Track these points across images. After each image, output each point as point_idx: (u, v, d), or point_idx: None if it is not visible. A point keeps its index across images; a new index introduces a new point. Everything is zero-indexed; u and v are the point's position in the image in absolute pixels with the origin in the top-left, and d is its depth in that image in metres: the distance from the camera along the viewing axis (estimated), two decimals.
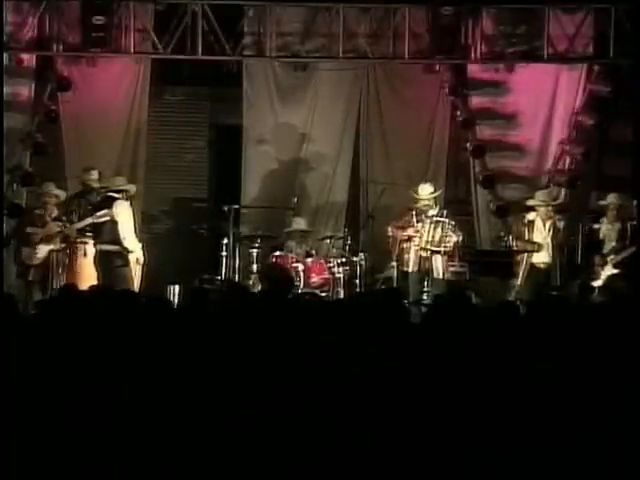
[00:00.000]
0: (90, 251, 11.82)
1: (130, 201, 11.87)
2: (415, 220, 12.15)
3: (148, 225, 13.44)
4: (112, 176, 12.37)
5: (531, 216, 12.05)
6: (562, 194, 13.23)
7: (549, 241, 11.90)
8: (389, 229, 12.27)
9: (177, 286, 12.32)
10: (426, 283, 12.13)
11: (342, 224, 13.59)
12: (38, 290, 11.85)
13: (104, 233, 11.59)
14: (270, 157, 13.78)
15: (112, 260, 11.53)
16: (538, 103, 13.49)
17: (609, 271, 11.75)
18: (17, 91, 12.99)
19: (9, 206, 12.53)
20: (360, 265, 12.60)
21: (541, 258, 11.91)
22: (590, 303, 10.26)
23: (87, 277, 11.55)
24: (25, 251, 11.97)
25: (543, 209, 11.96)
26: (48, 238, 11.94)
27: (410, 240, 12.13)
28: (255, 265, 12.64)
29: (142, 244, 11.88)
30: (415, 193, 12.27)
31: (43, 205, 12.13)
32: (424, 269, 12.14)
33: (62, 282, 11.71)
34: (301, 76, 13.74)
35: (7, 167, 12.62)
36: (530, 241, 11.92)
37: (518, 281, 11.93)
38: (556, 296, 7.47)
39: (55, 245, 11.97)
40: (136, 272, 11.67)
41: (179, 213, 14.11)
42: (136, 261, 11.68)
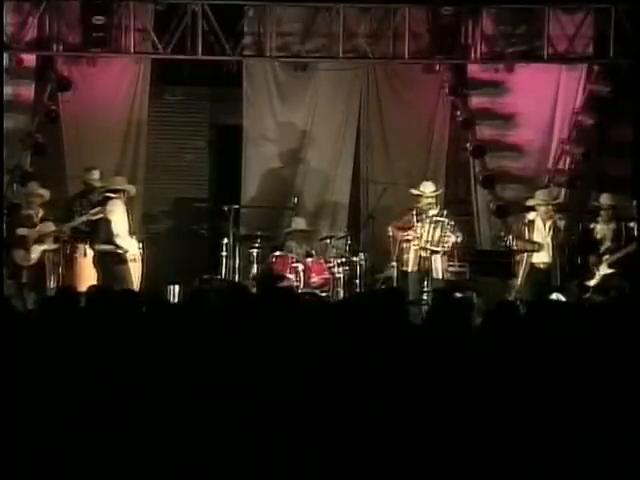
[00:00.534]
0: (89, 251, 11.81)
1: (130, 201, 11.87)
2: (415, 220, 12.14)
3: (148, 225, 13.47)
4: (112, 176, 12.37)
5: (531, 216, 12.03)
6: (562, 194, 13.24)
7: (549, 241, 11.88)
8: (389, 229, 12.27)
9: (177, 286, 12.33)
10: (426, 283, 12.13)
11: (342, 224, 13.60)
12: (31, 291, 11.75)
13: (99, 233, 11.57)
14: (270, 157, 13.79)
15: (111, 260, 11.51)
16: (538, 103, 13.50)
17: (604, 271, 11.75)
18: (17, 91, 13.00)
19: (9, 206, 12.51)
20: (360, 265, 12.61)
21: (541, 258, 11.89)
22: (590, 303, 10.26)
23: (87, 277, 11.56)
24: (18, 253, 11.80)
25: (543, 208, 11.94)
26: (41, 238, 11.87)
27: (410, 240, 12.13)
28: (255, 265, 12.65)
29: (142, 244, 11.89)
30: (417, 191, 12.26)
31: (29, 205, 11.99)
32: (424, 269, 12.13)
33: (57, 283, 11.70)
34: (301, 76, 13.75)
35: (7, 167, 12.59)
36: (530, 241, 11.90)
37: (518, 281, 11.92)
38: (555, 300, 7.46)
39: (48, 245, 11.92)
40: (135, 272, 11.66)
41: (179, 213, 14.11)
42: (133, 260, 11.67)
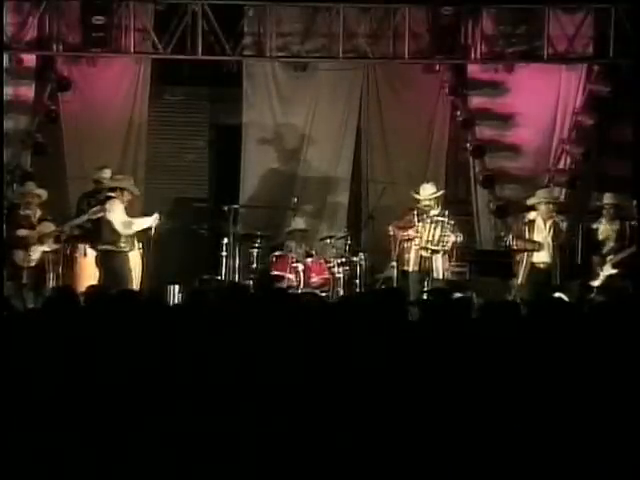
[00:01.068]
0: (90, 251, 11.80)
1: (130, 201, 11.86)
2: (416, 220, 12.13)
3: None
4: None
5: (531, 215, 12.02)
6: (562, 194, 13.24)
7: (549, 241, 11.86)
8: (390, 229, 12.25)
9: (177, 286, 12.33)
10: (426, 283, 12.12)
11: (342, 224, 13.60)
12: (31, 291, 11.72)
13: (99, 232, 11.56)
14: (270, 157, 13.79)
15: (111, 260, 11.50)
16: (538, 103, 13.50)
17: (608, 271, 11.74)
18: (17, 91, 13.00)
19: (9, 206, 12.49)
20: (360, 265, 12.61)
21: (541, 258, 11.87)
22: (591, 303, 10.24)
23: (87, 277, 11.55)
24: (18, 254, 11.72)
25: (544, 208, 11.91)
26: (41, 239, 11.82)
27: (410, 240, 12.12)
28: (255, 265, 12.65)
29: (142, 244, 11.87)
30: (416, 194, 12.24)
31: (26, 205, 11.89)
32: (424, 269, 12.11)
33: (57, 283, 11.67)
34: (301, 76, 13.75)
35: (7, 167, 12.60)
36: (530, 240, 11.89)
37: (518, 281, 11.91)
38: (557, 298, 7.45)
39: (49, 246, 11.86)
40: (135, 272, 11.66)
41: (179, 213, 14.10)
42: (134, 260, 11.65)
